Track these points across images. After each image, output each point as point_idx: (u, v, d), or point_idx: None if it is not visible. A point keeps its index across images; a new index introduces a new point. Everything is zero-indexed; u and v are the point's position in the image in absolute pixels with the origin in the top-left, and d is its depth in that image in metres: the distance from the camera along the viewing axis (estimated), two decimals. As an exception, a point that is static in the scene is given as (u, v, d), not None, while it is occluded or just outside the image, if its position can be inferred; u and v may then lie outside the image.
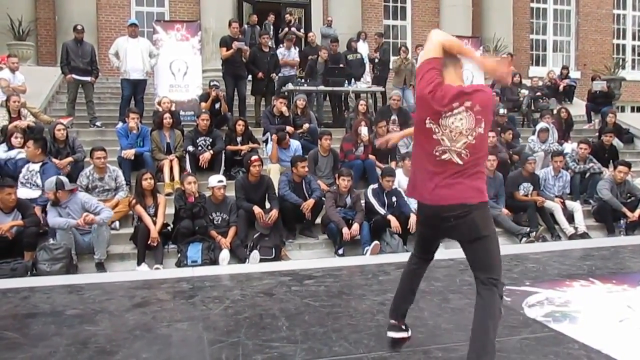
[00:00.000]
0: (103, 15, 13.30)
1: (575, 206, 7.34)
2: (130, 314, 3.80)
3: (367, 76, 11.52)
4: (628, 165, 7.53)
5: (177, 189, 6.66)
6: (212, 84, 8.75)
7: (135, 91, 8.94)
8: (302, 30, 12.96)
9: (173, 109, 8.16)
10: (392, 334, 2.93)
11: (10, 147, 6.70)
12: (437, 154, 2.58)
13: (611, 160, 8.80)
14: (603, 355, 2.98)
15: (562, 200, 7.40)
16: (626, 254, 5.69)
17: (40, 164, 6.22)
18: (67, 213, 5.56)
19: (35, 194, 6.04)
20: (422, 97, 2.59)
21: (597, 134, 10.26)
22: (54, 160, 6.53)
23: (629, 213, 7.13)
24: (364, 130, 7.43)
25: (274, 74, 9.69)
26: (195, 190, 6.01)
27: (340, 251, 6.05)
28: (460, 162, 2.55)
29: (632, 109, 17.03)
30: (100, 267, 5.54)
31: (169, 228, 6.05)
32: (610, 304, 3.93)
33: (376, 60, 11.26)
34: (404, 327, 2.95)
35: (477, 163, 2.59)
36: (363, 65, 11.08)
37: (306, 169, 6.50)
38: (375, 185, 6.58)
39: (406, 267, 2.97)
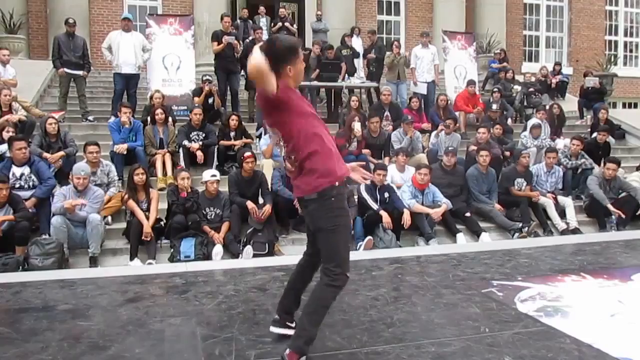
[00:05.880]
0: (95, 9, 13.19)
1: (567, 202, 7.38)
2: (123, 309, 3.79)
3: (361, 71, 11.50)
4: (617, 162, 7.55)
5: (169, 184, 6.64)
6: (204, 78, 8.72)
7: (127, 85, 8.90)
8: (295, 25, 12.92)
9: (165, 103, 8.11)
10: (272, 329, 3.08)
11: (2, 142, 6.65)
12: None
13: (603, 158, 8.87)
14: (594, 350, 3.00)
15: (554, 196, 7.44)
16: (617, 249, 5.72)
17: (28, 164, 5.98)
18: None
19: (29, 194, 5.91)
20: None
21: (589, 130, 10.32)
22: (45, 154, 6.48)
23: (613, 209, 7.16)
24: (357, 126, 7.43)
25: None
26: (188, 185, 5.99)
27: (334, 246, 6.05)
28: (291, 167, 2.75)
29: (624, 105, 17.12)
30: (94, 262, 5.52)
31: (162, 223, 6.04)
32: (602, 299, 3.96)
33: (373, 58, 11.16)
34: (289, 323, 3.05)
35: (301, 162, 2.68)
36: (357, 60, 11.07)
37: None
38: (368, 181, 6.57)
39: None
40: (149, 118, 7.66)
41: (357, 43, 11.87)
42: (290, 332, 3.00)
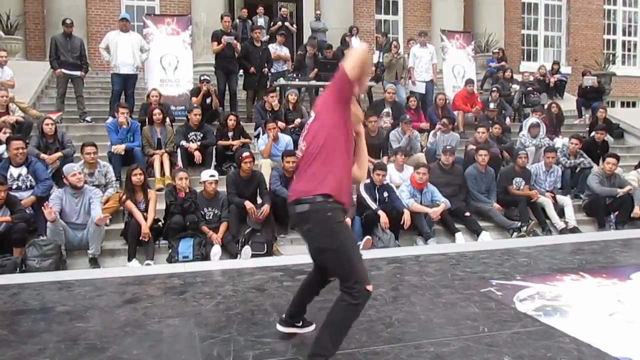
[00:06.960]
0: (93, 9, 13.17)
1: (566, 201, 7.38)
2: (121, 310, 3.78)
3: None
4: (617, 157, 7.57)
5: (167, 185, 6.62)
6: (202, 78, 8.69)
7: (125, 86, 8.87)
8: (294, 25, 12.92)
9: (161, 102, 8.09)
10: (279, 327, 3.13)
11: (-1, 143, 6.63)
12: None
13: (602, 157, 8.87)
14: (593, 349, 3.00)
15: (553, 195, 7.44)
16: (616, 248, 5.73)
17: (25, 165, 5.94)
18: (83, 202, 5.64)
19: (27, 194, 5.86)
20: None
21: (587, 129, 10.32)
22: (42, 155, 6.45)
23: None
24: (355, 125, 7.40)
25: (266, 69, 9.65)
26: (186, 185, 5.98)
27: (333, 246, 6.04)
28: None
29: (622, 104, 17.14)
30: (94, 262, 5.51)
31: (160, 224, 6.02)
32: (601, 298, 3.96)
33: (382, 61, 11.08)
34: (296, 324, 3.10)
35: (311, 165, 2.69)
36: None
37: (292, 163, 6.45)
38: (367, 180, 6.57)
39: None
40: (146, 118, 7.64)
41: (357, 43, 11.84)
42: (296, 330, 3.05)
